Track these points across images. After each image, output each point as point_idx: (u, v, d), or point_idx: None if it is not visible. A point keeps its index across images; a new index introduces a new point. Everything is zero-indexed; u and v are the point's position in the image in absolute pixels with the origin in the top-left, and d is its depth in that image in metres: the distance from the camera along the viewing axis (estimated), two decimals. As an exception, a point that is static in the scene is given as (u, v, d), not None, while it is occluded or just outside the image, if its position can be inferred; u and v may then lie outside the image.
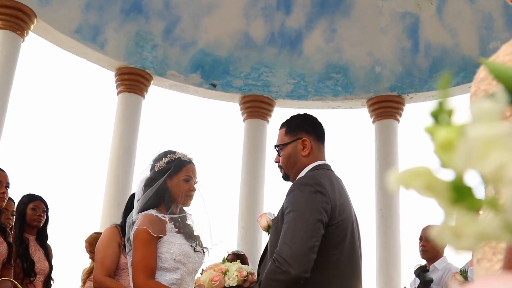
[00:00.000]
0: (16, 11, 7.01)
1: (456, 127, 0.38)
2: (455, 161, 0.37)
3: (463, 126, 0.38)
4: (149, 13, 8.50)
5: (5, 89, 6.81)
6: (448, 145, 0.38)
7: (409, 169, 0.39)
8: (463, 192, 0.38)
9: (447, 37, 8.46)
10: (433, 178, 0.38)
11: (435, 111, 0.40)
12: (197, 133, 12.48)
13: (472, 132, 0.36)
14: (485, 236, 0.37)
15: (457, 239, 0.38)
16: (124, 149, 7.87)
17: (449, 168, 0.39)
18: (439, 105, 0.39)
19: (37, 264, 4.53)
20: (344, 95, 8.86)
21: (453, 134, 0.38)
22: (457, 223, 0.38)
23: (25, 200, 4.72)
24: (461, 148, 0.36)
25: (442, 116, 0.39)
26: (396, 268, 7.55)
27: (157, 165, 2.94)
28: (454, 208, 0.38)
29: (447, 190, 0.38)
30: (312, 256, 2.27)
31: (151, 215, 2.78)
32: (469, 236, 0.37)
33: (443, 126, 0.39)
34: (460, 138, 0.37)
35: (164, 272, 2.74)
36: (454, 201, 0.38)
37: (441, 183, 0.38)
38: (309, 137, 2.66)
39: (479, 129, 0.35)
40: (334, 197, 2.43)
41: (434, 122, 0.40)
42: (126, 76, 8.22)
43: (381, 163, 8.33)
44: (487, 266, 1.22)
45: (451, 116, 0.39)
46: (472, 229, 0.37)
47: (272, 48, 8.97)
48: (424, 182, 0.38)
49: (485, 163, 0.35)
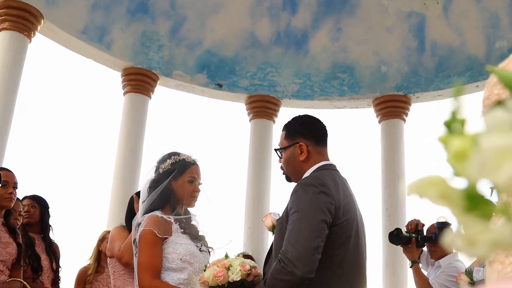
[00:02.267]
0: (22, 12, 7.03)
1: (469, 136, 0.39)
2: (468, 170, 0.38)
3: (477, 135, 0.38)
4: (155, 13, 8.52)
5: (12, 90, 6.84)
6: (461, 154, 0.38)
7: (423, 178, 0.39)
8: (477, 201, 0.39)
9: (453, 36, 8.44)
10: (447, 187, 0.39)
11: (449, 120, 0.40)
12: (203, 133, 12.49)
13: (485, 142, 0.36)
14: (498, 243, 0.38)
15: (470, 247, 0.39)
16: (130, 149, 7.89)
17: (463, 177, 0.39)
18: (452, 114, 0.40)
19: (43, 262, 4.57)
20: (350, 94, 8.85)
21: (467, 144, 0.38)
22: (470, 231, 0.39)
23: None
24: (475, 158, 0.37)
25: (455, 125, 0.40)
26: (403, 268, 7.54)
27: (162, 167, 2.96)
28: (468, 216, 0.39)
29: (461, 198, 0.39)
30: (316, 257, 2.28)
31: (157, 216, 2.80)
32: (482, 244, 0.38)
33: (457, 135, 0.39)
34: (473, 148, 0.38)
35: (172, 272, 2.76)
36: (468, 209, 0.39)
37: (455, 191, 0.39)
38: (306, 142, 2.67)
39: (492, 139, 0.36)
40: (338, 197, 2.44)
41: (448, 131, 0.40)
42: (133, 77, 8.23)
43: (387, 163, 8.32)
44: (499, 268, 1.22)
45: (464, 126, 0.40)
46: (485, 237, 0.38)
47: (278, 48, 8.97)
48: (438, 191, 0.39)
49: (498, 173, 0.36)
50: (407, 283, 7.54)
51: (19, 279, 4.02)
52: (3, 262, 3.91)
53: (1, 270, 3.89)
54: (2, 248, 3.91)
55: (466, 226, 0.39)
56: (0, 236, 3.96)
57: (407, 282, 7.54)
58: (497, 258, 1.06)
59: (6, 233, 4.02)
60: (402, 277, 7.66)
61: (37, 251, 4.57)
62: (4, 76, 6.77)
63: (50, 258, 4.67)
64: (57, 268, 4.73)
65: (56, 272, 4.70)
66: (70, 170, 12.23)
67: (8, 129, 6.72)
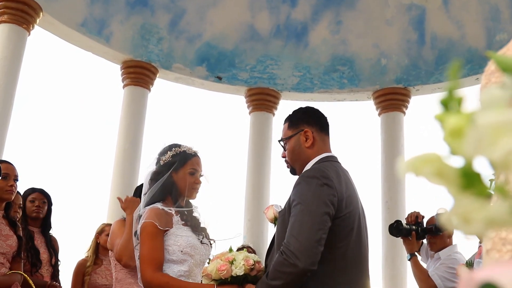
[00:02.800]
0: (21, 5, 7.02)
1: (465, 114, 0.39)
2: (464, 147, 0.38)
3: (473, 113, 0.38)
4: (155, 6, 8.50)
5: (11, 83, 6.84)
6: (457, 132, 0.38)
7: (419, 156, 0.39)
8: (473, 179, 0.39)
9: (453, 29, 8.43)
10: (443, 164, 0.39)
11: (445, 99, 0.40)
12: (203, 126, 12.49)
13: (481, 119, 0.36)
14: (493, 221, 0.38)
15: (466, 224, 0.39)
16: (130, 142, 7.89)
17: (459, 155, 0.39)
18: (449, 93, 0.40)
19: (42, 256, 4.59)
20: (350, 87, 8.85)
21: (463, 121, 0.38)
22: (466, 209, 0.39)
23: (26, 193, 4.80)
24: (471, 135, 0.37)
25: (452, 103, 0.40)
26: (402, 260, 7.55)
27: (163, 159, 2.96)
28: (464, 194, 0.39)
29: (457, 176, 0.39)
30: (319, 249, 2.28)
31: (157, 209, 2.80)
32: (478, 221, 0.38)
33: (453, 113, 0.39)
34: (469, 125, 0.38)
35: (172, 264, 2.76)
36: (464, 187, 0.39)
37: (451, 169, 0.39)
38: (311, 128, 2.67)
39: (488, 116, 0.36)
40: (341, 189, 2.44)
41: (444, 110, 0.40)
42: (132, 69, 8.23)
43: (387, 156, 8.33)
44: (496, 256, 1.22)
45: (461, 104, 0.40)
46: (481, 215, 0.38)
47: (277, 41, 8.96)
48: (434, 169, 0.39)
49: (494, 149, 0.36)
50: (406, 276, 7.56)
51: (20, 272, 4.03)
52: (4, 255, 3.92)
53: (2, 263, 3.90)
54: (2, 240, 3.92)
55: (462, 204, 0.39)
56: (1, 228, 3.97)
57: (406, 274, 7.56)
58: (495, 246, 1.06)
59: (6, 226, 4.03)
60: (401, 269, 7.68)
61: (36, 245, 4.59)
62: (3, 69, 6.77)
63: (49, 251, 4.68)
64: (56, 262, 4.75)
65: (55, 265, 4.71)
66: (69, 163, 12.24)
67: (7, 121, 6.72)
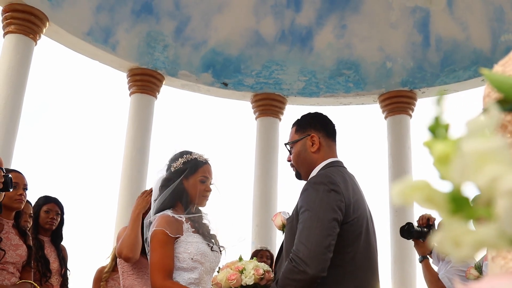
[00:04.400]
0: (28, 15, 7.07)
1: (452, 141, 0.40)
2: (451, 174, 0.39)
3: (459, 140, 0.40)
4: (160, 13, 8.54)
5: (18, 93, 6.88)
6: (444, 158, 0.40)
7: (408, 183, 0.40)
8: (461, 203, 0.40)
9: (458, 31, 8.42)
10: (431, 190, 0.40)
11: (432, 126, 0.42)
12: (209, 132, 12.52)
13: (466, 146, 0.38)
14: (482, 244, 0.39)
15: (456, 248, 0.40)
16: (137, 150, 7.92)
17: (447, 180, 0.40)
18: (436, 120, 0.41)
19: (52, 265, 4.59)
20: (356, 91, 8.85)
21: (449, 148, 0.40)
22: (456, 232, 0.40)
23: (40, 202, 4.78)
24: (457, 162, 0.38)
25: (439, 130, 0.41)
26: (411, 263, 7.54)
27: (174, 166, 2.96)
28: (453, 218, 0.40)
29: (446, 201, 0.40)
30: (328, 255, 2.28)
31: (168, 216, 2.81)
32: (467, 245, 0.39)
33: (440, 140, 0.41)
34: (456, 152, 0.39)
35: (182, 272, 2.76)
36: (453, 211, 0.40)
37: (440, 195, 0.40)
38: (317, 133, 2.68)
39: (473, 143, 0.37)
40: (348, 194, 2.44)
41: (432, 136, 0.42)
42: (138, 77, 8.27)
43: (394, 159, 8.32)
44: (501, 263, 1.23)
45: (447, 130, 0.41)
46: (470, 238, 0.39)
47: (282, 46, 8.98)
48: (423, 195, 0.40)
49: (479, 176, 0.37)
50: (415, 278, 7.55)
51: (30, 281, 4.04)
52: (14, 264, 3.93)
53: (12, 272, 3.92)
54: (12, 250, 3.93)
55: (452, 228, 0.41)
56: (10, 238, 3.98)
57: (415, 277, 7.54)
58: (500, 253, 1.07)
59: (16, 235, 4.04)
60: (410, 272, 7.67)
61: (46, 254, 4.59)
62: (11, 79, 6.82)
63: (59, 261, 4.69)
64: (65, 271, 4.75)
65: (64, 275, 4.72)
66: (78, 171, 12.29)
67: (16, 130, 6.77)
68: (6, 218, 4.04)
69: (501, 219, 0.38)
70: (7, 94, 6.75)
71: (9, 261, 3.88)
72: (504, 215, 0.37)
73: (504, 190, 0.36)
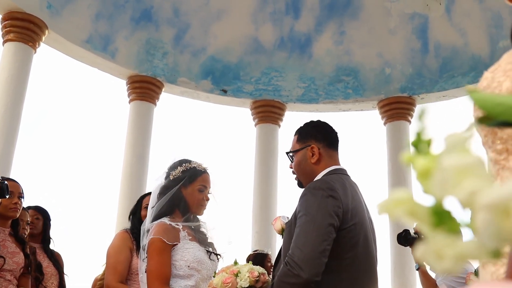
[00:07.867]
0: (27, 23, 7.09)
1: (433, 156, 0.41)
2: (433, 188, 0.40)
3: (439, 155, 0.41)
4: (159, 21, 8.57)
5: (18, 100, 6.90)
6: (426, 173, 0.41)
7: (391, 198, 0.41)
8: (443, 216, 0.41)
9: (456, 37, 8.44)
10: (414, 204, 0.41)
11: (415, 141, 0.43)
12: (209, 139, 12.53)
13: (445, 161, 0.39)
14: (464, 256, 0.40)
15: (439, 260, 0.41)
16: (137, 157, 7.93)
17: (430, 194, 0.41)
18: (418, 136, 0.42)
19: (46, 269, 4.59)
20: (355, 97, 8.87)
21: (430, 163, 0.41)
22: (438, 245, 0.41)
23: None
24: (437, 176, 0.39)
25: (421, 145, 0.42)
26: (411, 270, 7.53)
27: (172, 174, 2.97)
28: (435, 231, 0.41)
29: (428, 215, 0.41)
30: (323, 260, 2.29)
31: (165, 224, 2.82)
32: (449, 257, 0.40)
33: (422, 155, 0.42)
34: (436, 167, 0.40)
35: (179, 279, 2.77)
36: (435, 225, 0.41)
37: (422, 208, 0.41)
38: (318, 144, 2.68)
39: (452, 158, 0.38)
40: (347, 201, 2.45)
41: (415, 151, 0.43)
42: (138, 84, 8.28)
43: (393, 165, 8.33)
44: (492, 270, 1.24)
45: (430, 146, 0.42)
46: (452, 251, 0.40)
47: (281, 53, 9.00)
48: (406, 209, 0.41)
49: (458, 190, 0.38)
50: (415, 284, 7.54)
51: (27, 288, 4.05)
52: (11, 272, 3.94)
53: (9, 280, 3.92)
54: (9, 257, 3.94)
55: (435, 241, 0.41)
56: (7, 246, 3.99)
57: (415, 283, 7.53)
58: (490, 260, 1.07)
59: (13, 243, 4.05)
60: (410, 278, 7.66)
61: (38, 259, 4.60)
62: (10, 86, 6.84)
63: (54, 265, 4.70)
64: (62, 277, 4.76)
65: (61, 280, 4.73)
66: (77, 178, 12.29)
67: (15, 138, 6.78)
68: (2, 226, 4.06)
69: (480, 232, 0.38)
70: (6, 102, 6.77)
71: (6, 268, 3.89)
72: (483, 228, 0.38)
73: (482, 203, 0.37)
